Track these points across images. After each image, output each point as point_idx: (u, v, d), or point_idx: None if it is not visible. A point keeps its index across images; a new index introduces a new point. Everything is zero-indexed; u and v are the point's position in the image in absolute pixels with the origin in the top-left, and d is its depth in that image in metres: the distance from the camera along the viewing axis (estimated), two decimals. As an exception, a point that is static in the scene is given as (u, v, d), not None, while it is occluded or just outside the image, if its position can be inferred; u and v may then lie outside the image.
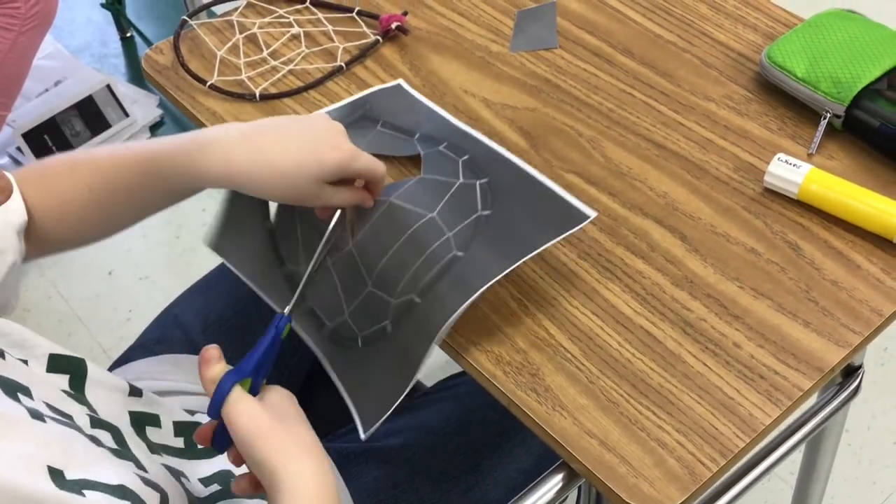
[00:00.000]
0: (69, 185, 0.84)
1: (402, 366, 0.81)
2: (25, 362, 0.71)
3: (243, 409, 0.70)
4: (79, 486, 0.62)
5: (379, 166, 0.85)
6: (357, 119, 0.99)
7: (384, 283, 0.85)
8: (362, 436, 0.80)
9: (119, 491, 0.64)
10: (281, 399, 0.73)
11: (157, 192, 0.83)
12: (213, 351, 0.74)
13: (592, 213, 0.84)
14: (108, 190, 0.83)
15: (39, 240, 0.85)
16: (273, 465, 0.67)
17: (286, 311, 0.80)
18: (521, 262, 0.81)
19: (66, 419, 0.68)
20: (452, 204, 0.87)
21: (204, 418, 0.84)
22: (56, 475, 0.61)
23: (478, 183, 0.89)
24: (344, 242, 0.87)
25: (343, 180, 0.83)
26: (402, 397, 0.80)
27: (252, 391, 0.73)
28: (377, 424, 0.80)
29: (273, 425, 0.69)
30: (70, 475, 0.62)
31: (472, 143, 0.95)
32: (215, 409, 0.71)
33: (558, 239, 0.83)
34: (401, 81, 1.04)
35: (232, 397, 0.70)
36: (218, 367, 0.73)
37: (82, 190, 0.84)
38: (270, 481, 0.67)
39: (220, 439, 0.74)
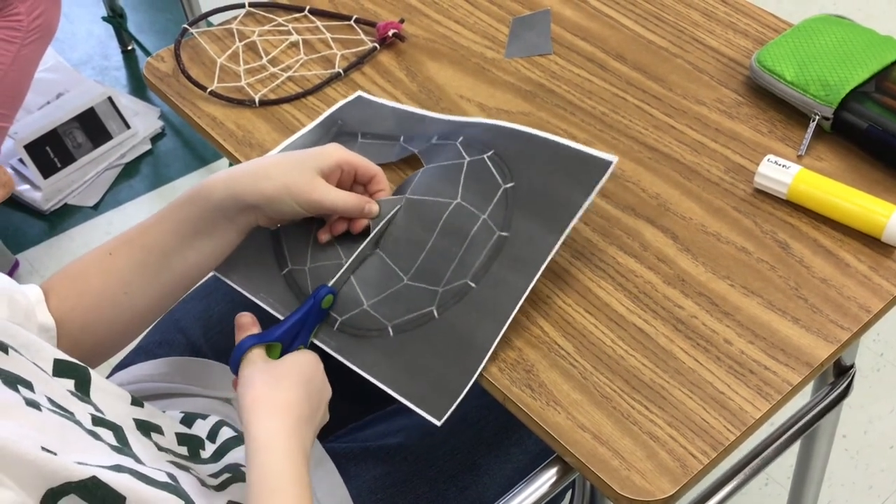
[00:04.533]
0: (102, 274, 0.84)
1: (466, 347, 0.82)
2: (33, 363, 0.72)
3: (246, 371, 0.79)
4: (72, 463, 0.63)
5: (372, 164, 0.90)
6: (334, 137, 1.00)
7: (425, 275, 0.86)
8: (437, 423, 0.81)
9: (116, 468, 0.66)
10: (292, 361, 0.80)
11: (183, 236, 0.84)
12: (245, 318, 0.83)
13: (614, 158, 0.87)
14: (143, 259, 0.84)
15: (87, 337, 0.84)
16: (244, 414, 0.75)
17: (331, 283, 0.84)
18: (570, 226, 0.84)
19: (67, 414, 0.69)
20: (471, 185, 0.89)
21: (202, 427, 0.86)
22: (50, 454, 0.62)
23: (485, 157, 0.90)
24: (367, 247, 0.88)
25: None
26: (474, 378, 0.81)
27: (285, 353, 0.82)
28: (452, 408, 0.81)
29: (263, 381, 0.77)
30: (64, 458, 0.63)
31: (461, 126, 0.96)
32: (233, 365, 0.80)
33: (594, 193, 0.85)
34: (360, 92, 1.05)
35: (248, 354, 0.80)
36: (249, 332, 0.82)
37: (117, 269, 0.85)
38: (243, 428, 0.75)
39: None
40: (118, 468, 0.66)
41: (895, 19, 2.35)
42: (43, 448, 0.61)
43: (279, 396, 0.76)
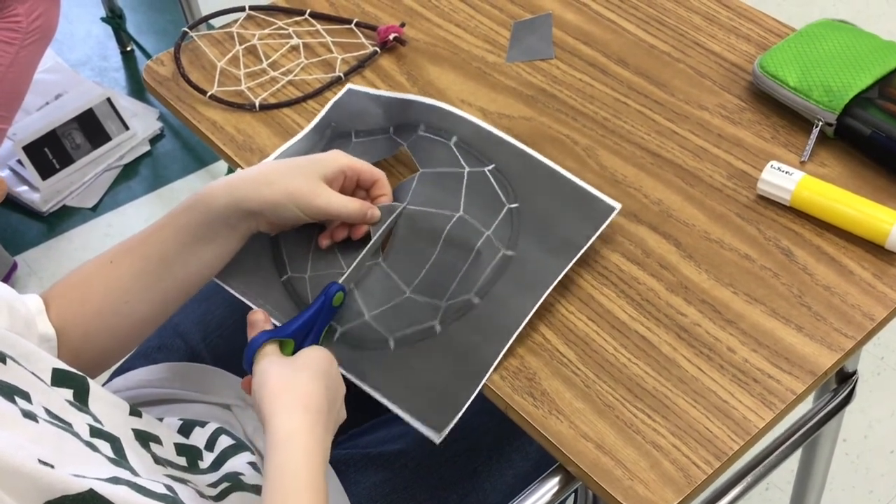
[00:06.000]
0: (103, 282, 0.84)
1: (467, 362, 0.82)
2: (32, 373, 0.72)
3: (262, 364, 0.77)
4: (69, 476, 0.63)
5: (375, 169, 0.90)
6: (329, 140, 1.00)
7: (429, 288, 0.86)
8: (437, 440, 0.81)
9: (113, 480, 0.65)
10: (308, 355, 0.79)
11: (183, 244, 0.84)
12: (258, 315, 0.82)
13: (617, 205, 0.88)
14: (144, 267, 0.84)
15: (88, 346, 0.84)
16: (265, 407, 0.74)
17: (341, 280, 0.84)
18: (574, 260, 0.85)
19: (64, 425, 0.69)
20: (473, 198, 0.89)
21: (200, 437, 0.86)
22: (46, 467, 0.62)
23: (486, 170, 0.90)
24: (366, 256, 0.88)
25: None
26: (475, 394, 0.81)
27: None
28: (451, 425, 0.80)
29: (281, 373, 0.76)
30: (60, 471, 0.62)
31: (448, 119, 0.96)
32: (247, 362, 0.79)
33: (597, 234, 0.87)
34: (350, 85, 1.05)
35: (262, 350, 0.79)
36: (262, 329, 0.81)
37: (118, 278, 0.84)
38: (263, 422, 0.74)
39: None
40: (115, 480, 0.65)
41: (894, 21, 2.34)
42: (40, 460, 0.61)
43: (299, 387, 0.75)
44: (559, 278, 0.84)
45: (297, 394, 0.75)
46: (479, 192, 0.89)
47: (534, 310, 0.83)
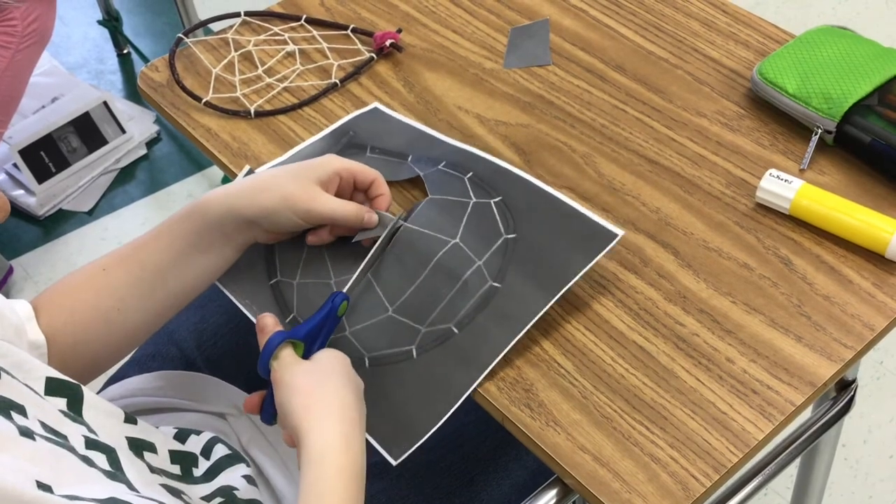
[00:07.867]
0: (95, 290, 0.83)
1: (438, 392, 0.81)
2: (25, 384, 0.71)
3: (286, 364, 0.75)
4: (68, 500, 0.62)
5: (371, 169, 0.89)
6: (343, 147, 0.99)
7: (411, 310, 0.85)
8: (393, 462, 0.80)
9: (110, 502, 0.64)
10: (329, 359, 0.78)
11: (178, 253, 0.83)
12: (268, 318, 0.79)
13: (620, 232, 0.86)
14: (139, 275, 0.83)
15: (79, 353, 0.83)
16: (298, 421, 0.72)
17: (345, 289, 0.83)
18: (562, 292, 0.83)
19: (60, 439, 0.68)
20: (472, 227, 0.88)
21: (196, 443, 0.85)
22: (44, 489, 0.61)
23: (492, 202, 0.90)
24: (364, 270, 0.87)
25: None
26: (439, 424, 0.80)
27: (305, 358, 0.78)
28: (410, 451, 0.80)
29: (310, 383, 0.74)
30: (59, 491, 0.62)
31: (471, 159, 0.95)
32: (263, 363, 0.76)
33: (592, 263, 0.84)
34: (377, 104, 1.04)
35: (279, 353, 0.76)
36: (274, 331, 0.78)
37: (112, 287, 0.83)
38: (297, 437, 0.72)
39: (268, 409, 0.78)
40: (112, 502, 0.65)
41: (893, 24, 2.34)
42: (37, 482, 0.60)
43: (331, 396, 0.74)
44: (539, 315, 0.83)
45: (329, 404, 0.73)
46: (479, 222, 0.89)
47: (511, 344, 0.82)
